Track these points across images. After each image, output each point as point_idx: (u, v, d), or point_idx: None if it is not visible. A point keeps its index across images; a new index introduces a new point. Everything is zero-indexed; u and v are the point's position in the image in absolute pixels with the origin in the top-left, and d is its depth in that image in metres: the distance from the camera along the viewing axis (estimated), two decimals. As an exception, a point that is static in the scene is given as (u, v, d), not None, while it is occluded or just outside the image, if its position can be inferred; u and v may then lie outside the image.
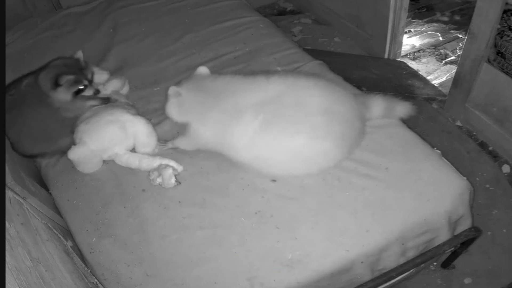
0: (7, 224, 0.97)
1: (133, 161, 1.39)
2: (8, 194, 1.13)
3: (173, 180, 1.32)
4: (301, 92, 1.28)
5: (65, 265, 1.14)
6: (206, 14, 2.09)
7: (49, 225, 1.25)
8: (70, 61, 1.43)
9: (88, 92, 1.44)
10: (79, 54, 1.44)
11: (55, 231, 1.25)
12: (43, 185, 1.45)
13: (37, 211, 1.27)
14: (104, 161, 1.44)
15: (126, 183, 1.38)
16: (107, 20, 2.12)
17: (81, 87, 1.40)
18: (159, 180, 1.34)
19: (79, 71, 1.40)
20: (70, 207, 1.35)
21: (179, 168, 1.37)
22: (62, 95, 1.39)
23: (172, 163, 1.37)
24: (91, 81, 1.45)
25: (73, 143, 1.39)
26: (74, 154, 1.36)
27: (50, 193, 1.41)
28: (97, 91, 1.47)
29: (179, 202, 1.31)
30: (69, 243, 1.28)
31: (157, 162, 1.37)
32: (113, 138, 1.39)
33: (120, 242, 1.24)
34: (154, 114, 1.59)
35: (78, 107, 1.45)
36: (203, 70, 1.43)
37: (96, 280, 1.19)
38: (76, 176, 1.42)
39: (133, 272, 1.18)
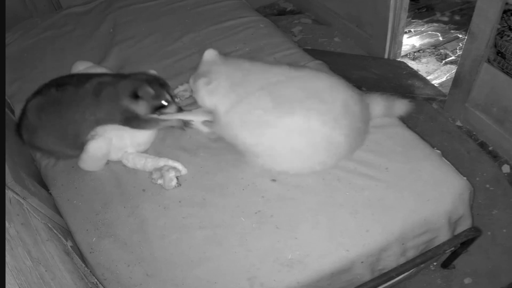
0: (7, 224, 0.97)
1: (139, 161, 1.39)
2: (8, 194, 1.13)
3: (173, 183, 1.32)
4: (320, 81, 1.29)
5: (65, 265, 1.14)
6: (206, 14, 2.09)
7: (49, 225, 1.25)
8: (151, 76, 1.36)
9: (171, 110, 1.37)
10: (153, 72, 1.38)
11: (55, 231, 1.25)
12: (43, 185, 1.45)
13: (37, 211, 1.27)
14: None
15: (126, 183, 1.38)
16: (107, 20, 2.12)
17: (164, 103, 1.33)
18: (160, 181, 1.34)
19: (160, 87, 1.33)
20: (70, 207, 1.35)
21: (183, 170, 1.36)
22: (141, 109, 1.32)
23: (177, 165, 1.36)
24: (173, 100, 1.37)
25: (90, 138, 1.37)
26: (94, 147, 1.35)
27: (50, 193, 1.41)
28: (180, 109, 1.38)
29: (179, 202, 1.31)
30: (69, 243, 1.28)
31: (162, 162, 1.37)
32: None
33: (120, 242, 1.24)
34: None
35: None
36: (211, 54, 1.37)
37: (96, 280, 1.19)
38: (76, 176, 1.43)
39: (133, 272, 1.18)
